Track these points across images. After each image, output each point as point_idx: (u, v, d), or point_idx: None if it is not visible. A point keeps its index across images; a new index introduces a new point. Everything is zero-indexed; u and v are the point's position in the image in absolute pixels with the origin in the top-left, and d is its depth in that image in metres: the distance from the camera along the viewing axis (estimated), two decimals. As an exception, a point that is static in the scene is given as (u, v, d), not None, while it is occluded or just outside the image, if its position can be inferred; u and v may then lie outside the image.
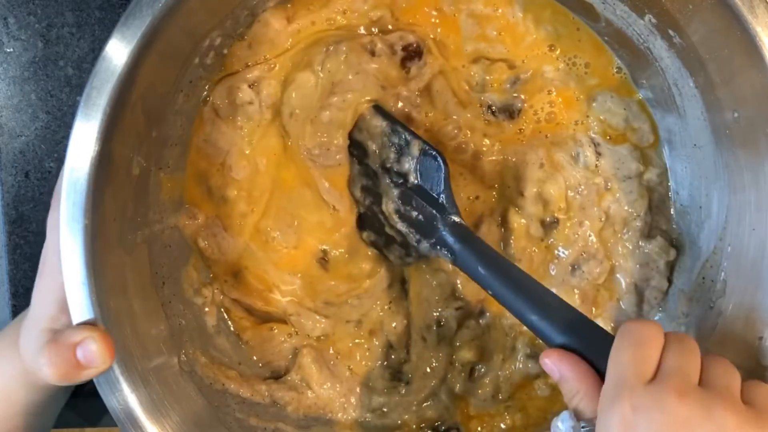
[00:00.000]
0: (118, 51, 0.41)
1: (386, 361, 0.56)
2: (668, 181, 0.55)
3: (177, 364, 0.49)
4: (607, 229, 0.55)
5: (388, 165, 0.52)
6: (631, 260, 0.55)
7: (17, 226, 0.59)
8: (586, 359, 0.42)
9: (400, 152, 0.51)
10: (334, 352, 0.56)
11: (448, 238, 0.49)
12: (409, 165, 0.51)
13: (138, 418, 0.44)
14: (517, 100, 0.54)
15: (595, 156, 0.54)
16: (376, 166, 0.53)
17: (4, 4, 0.58)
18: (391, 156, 0.52)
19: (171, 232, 0.52)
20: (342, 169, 0.54)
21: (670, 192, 0.55)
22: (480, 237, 0.50)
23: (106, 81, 0.41)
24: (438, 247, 0.50)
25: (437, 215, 0.50)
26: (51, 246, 0.44)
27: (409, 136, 0.51)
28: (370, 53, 0.52)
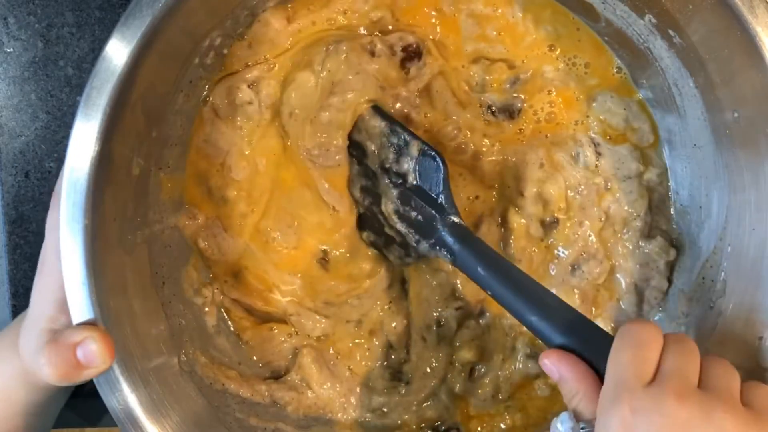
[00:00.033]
0: (118, 51, 0.41)
1: (386, 361, 0.56)
2: (668, 181, 0.55)
3: (177, 364, 0.49)
4: (607, 229, 0.55)
5: (387, 165, 0.52)
6: (631, 260, 0.55)
7: (17, 226, 0.59)
8: (586, 360, 0.42)
9: (399, 153, 0.51)
10: (334, 352, 0.56)
11: (448, 239, 0.49)
12: (408, 165, 0.51)
13: (138, 418, 0.44)
14: (517, 100, 0.54)
15: (595, 156, 0.54)
16: (375, 167, 0.53)
17: (4, 4, 0.58)
18: (390, 156, 0.52)
19: (171, 232, 0.52)
20: (341, 170, 0.53)
21: (670, 192, 0.55)
22: (479, 237, 0.50)
23: (106, 81, 0.41)
24: (437, 247, 0.50)
25: (436, 216, 0.50)
26: (50, 246, 0.44)
27: (408, 137, 0.51)
28: (369, 53, 0.52)
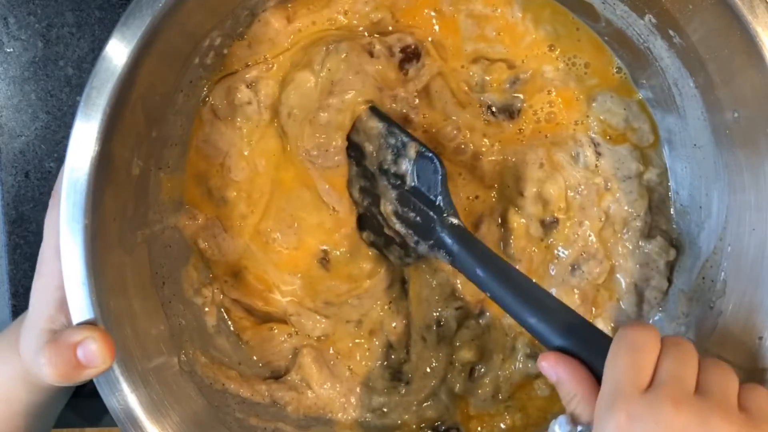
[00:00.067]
0: (118, 51, 0.41)
1: (386, 361, 0.56)
2: (668, 181, 0.55)
3: (177, 364, 0.49)
4: (606, 229, 0.55)
5: (386, 167, 0.52)
6: (631, 260, 0.55)
7: (17, 226, 0.59)
8: (585, 362, 0.42)
9: (397, 154, 0.51)
10: (334, 352, 0.56)
11: (446, 240, 0.49)
12: (406, 167, 0.51)
13: (138, 418, 0.44)
14: (517, 100, 0.54)
15: (595, 156, 0.54)
16: (374, 168, 0.52)
17: (4, 4, 0.58)
18: (388, 158, 0.51)
19: (171, 232, 0.52)
20: (341, 171, 0.53)
21: (670, 192, 0.55)
22: (479, 238, 0.50)
23: (106, 81, 0.41)
24: (436, 248, 0.50)
25: (435, 217, 0.50)
26: (49, 246, 0.44)
27: (405, 138, 0.51)
28: (369, 54, 0.52)
